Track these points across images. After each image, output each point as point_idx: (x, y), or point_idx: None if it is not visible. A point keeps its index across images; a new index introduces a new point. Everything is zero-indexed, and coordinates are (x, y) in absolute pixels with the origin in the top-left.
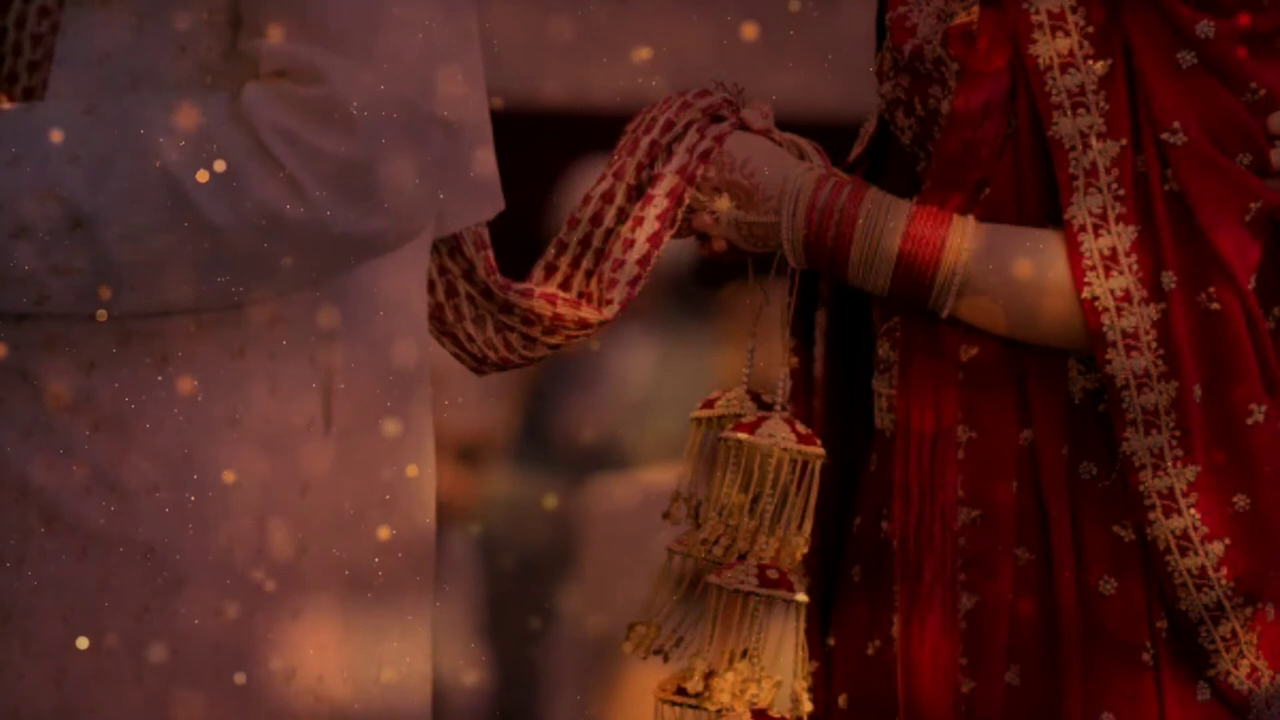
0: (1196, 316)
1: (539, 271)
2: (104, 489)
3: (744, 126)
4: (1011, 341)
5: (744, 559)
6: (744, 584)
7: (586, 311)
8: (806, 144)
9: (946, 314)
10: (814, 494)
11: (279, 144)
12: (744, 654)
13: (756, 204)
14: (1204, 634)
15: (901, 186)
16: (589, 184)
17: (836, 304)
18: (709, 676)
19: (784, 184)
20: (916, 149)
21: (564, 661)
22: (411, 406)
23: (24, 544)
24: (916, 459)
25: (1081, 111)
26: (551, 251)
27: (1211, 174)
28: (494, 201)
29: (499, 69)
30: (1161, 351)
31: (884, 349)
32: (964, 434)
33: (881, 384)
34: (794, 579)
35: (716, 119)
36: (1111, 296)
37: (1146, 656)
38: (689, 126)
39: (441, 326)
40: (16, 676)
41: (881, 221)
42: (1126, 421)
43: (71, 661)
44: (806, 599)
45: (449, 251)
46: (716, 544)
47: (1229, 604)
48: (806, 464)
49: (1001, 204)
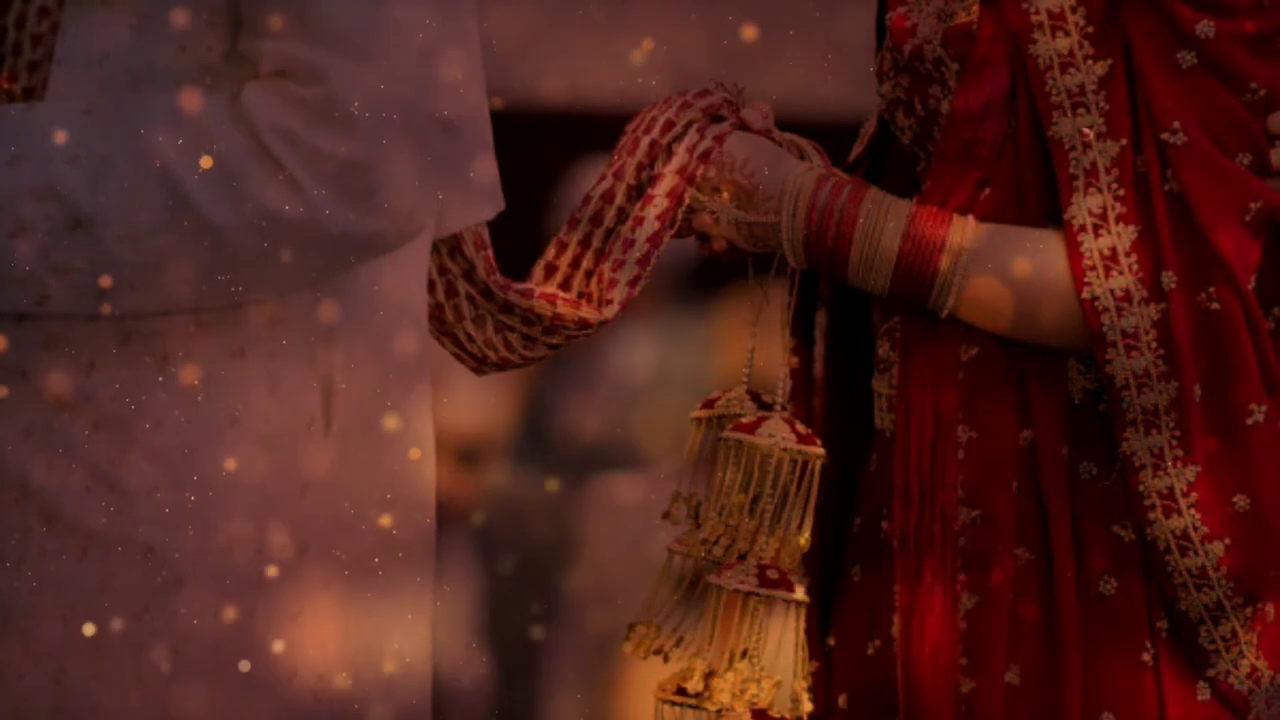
0: (1196, 316)
1: (539, 271)
2: (104, 489)
3: (744, 126)
4: (1011, 341)
5: (744, 559)
6: (744, 584)
7: (586, 311)
8: (806, 144)
9: (946, 314)
10: (814, 494)
11: (279, 144)
12: (744, 654)
13: (756, 204)
14: (1204, 634)
15: (901, 186)
16: (589, 184)
17: (836, 304)
18: (709, 676)
19: (784, 184)
20: (916, 149)
21: (564, 661)
22: (411, 406)
23: (24, 544)
24: (916, 459)
25: (1081, 111)
26: (551, 251)
27: (1211, 174)
28: (494, 201)
29: (499, 69)
30: (1161, 351)
31: (884, 349)
32: (964, 434)
33: (881, 384)
34: (794, 579)
35: (716, 119)
36: (1111, 296)
37: (1146, 656)
38: (689, 126)
39: (441, 326)
40: (16, 676)
41: (881, 221)
42: (1126, 421)
43: (71, 661)
44: (806, 599)
45: (449, 251)
46: (716, 544)
47: (1229, 604)
48: (806, 464)
49: (1001, 204)
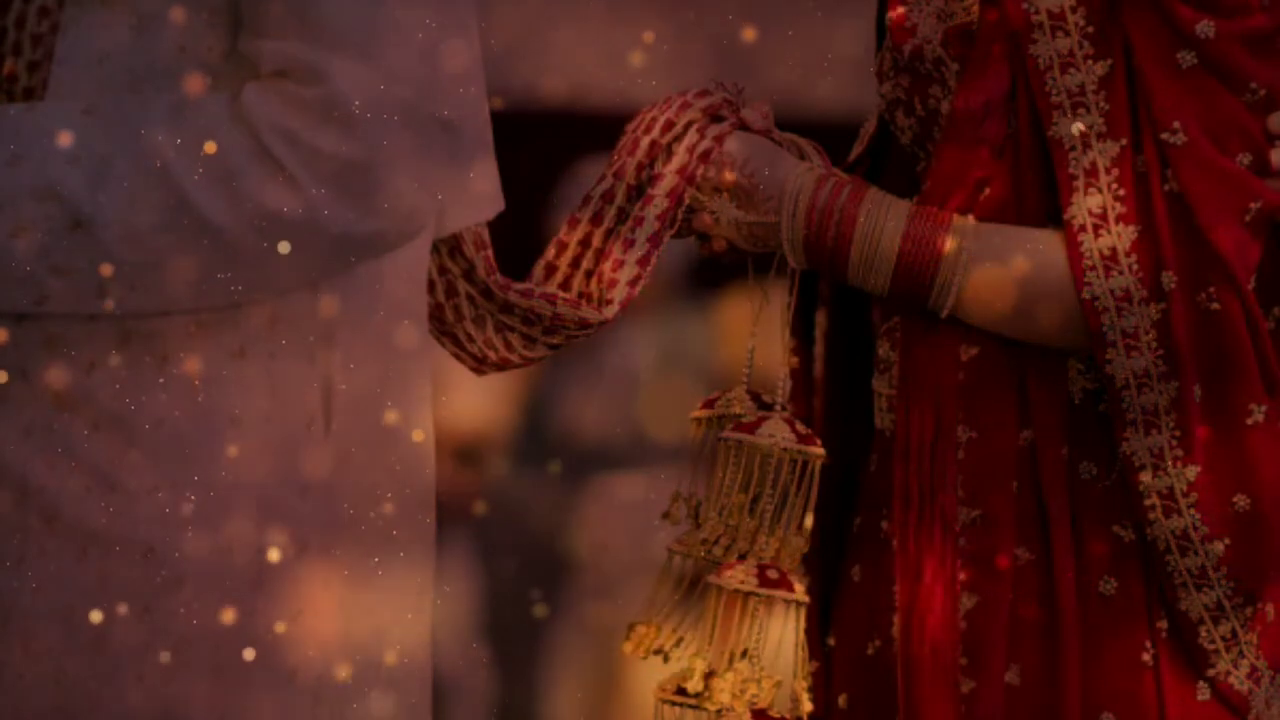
0: (1196, 316)
1: (539, 271)
2: (104, 489)
3: (744, 126)
4: (1011, 341)
5: (744, 559)
6: (744, 584)
7: (586, 311)
8: (806, 144)
9: (946, 314)
10: (814, 494)
11: (279, 144)
12: (744, 654)
13: (756, 204)
14: (1204, 634)
15: (901, 186)
16: (589, 184)
17: (836, 304)
18: (709, 676)
19: (784, 184)
20: (916, 149)
21: (564, 661)
22: (411, 406)
23: (24, 544)
24: (916, 459)
25: (1081, 111)
26: (551, 251)
27: (1211, 174)
28: (494, 201)
29: (499, 69)
30: (1161, 351)
31: (884, 349)
32: (964, 434)
33: (881, 384)
34: (794, 579)
35: (716, 119)
36: (1111, 296)
37: (1146, 656)
38: (689, 126)
39: (441, 326)
40: (16, 676)
41: (881, 221)
42: (1126, 421)
43: (71, 661)
44: (806, 599)
45: (449, 251)
46: (716, 544)
47: (1229, 604)
48: (806, 464)
49: (1001, 204)
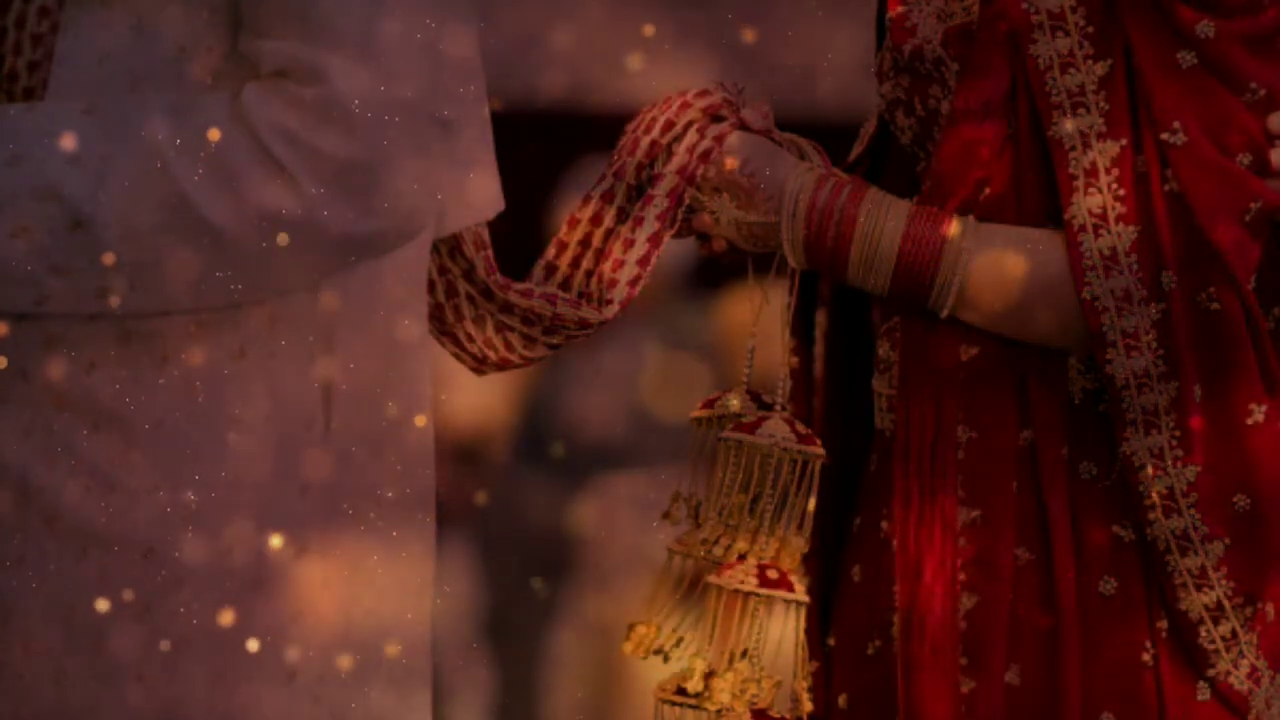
0: (1196, 316)
1: (539, 271)
2: (104, 489)
3: (744, 126)
4: (1011, 341)
5: (744, 559)
6: (744, 584)
7: (586, 311)
8: (806, 144)
9: (946, 314)
10: (814, 494)
11: (279, 144)
12: (744, 654)
13: (756, 204)
14: (1204, 634)
15: (901, 186)
16: (589, 184)
17: (836, 304)
18: (709, 676)
19: (784, 184)
20: (916, 149)
21: (564, 661)
22: (411, 406)
23: (24, 544)
24: (916, 459)
25: (1081, 111)
26: (551, 251)
27: (1211, 174)
28: (494, 201)
29: (499, 69)
30: (1161, 351)
31: (884, 349)
32: (964, 434)
33: (881, 384)
34: (794, 579)
35: (716, 119)
36: (1111, 296)
37: (1146, 656)
38: (689, 126)
39: (441, 326)
40: (16, 676)
41: (881, 222)
42: (1126, 421)
43: (71, 661)
44: (806, 599)
45: (449, 251)
46: (716, 544)
47: (1229, 604)
48: (806, 464)
49: (1001, 204)
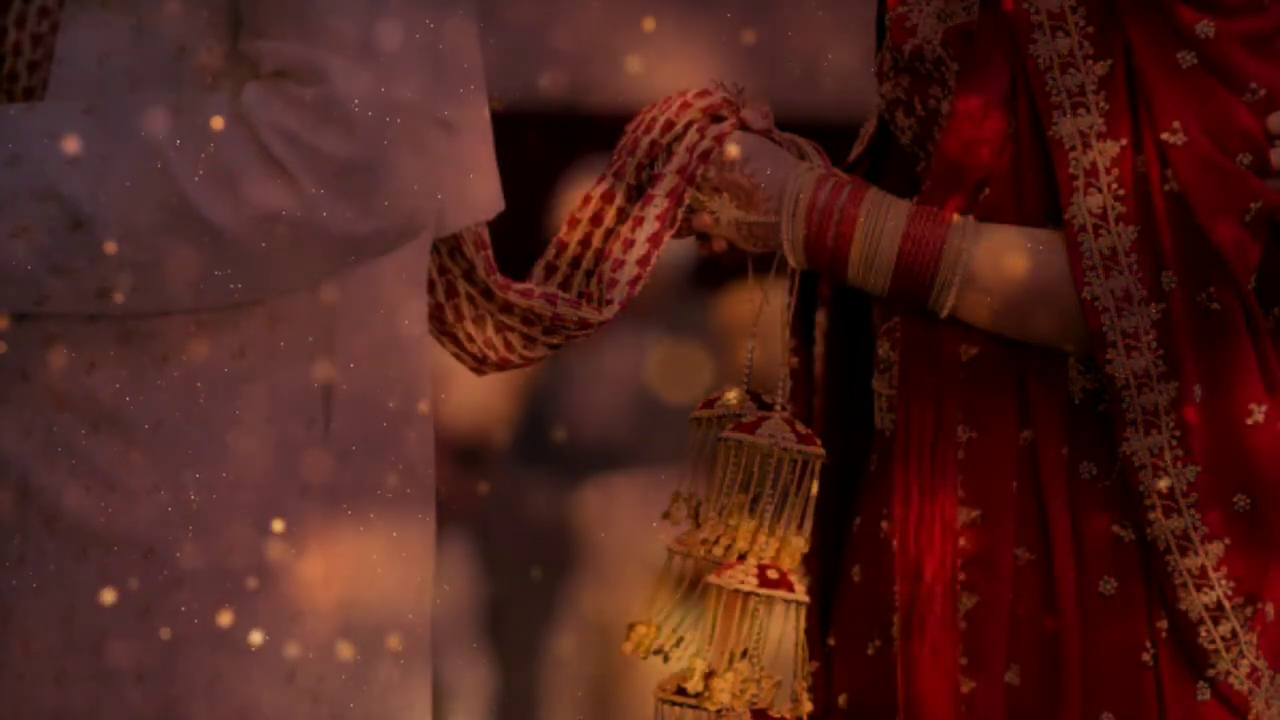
0: (1196, 316)
1: (539, 271)
2: (104, 489)
3: (744, 126)
4: (1011, 341)
5: (744, 559)
6: (744, 584)
7: (586, 311)
8: (806, 144)
9: (946, 314)
10: (814, 494)
11: (279, 144)
12: (744, 654)
13: (756, 204)
14: (1204, 634)
15: (901, 186)
16: (589, 184)
17: (836, 304)
18: (709, 676)
19: (784, 184)
20: (916, 149)
21: (564, 661)
22: (411, 406)
23: (24, 544)
24: (916, 459)
25: (1081, 111)
26: (551, 251)
27: (1211, 174)
28: (494, 201)
29: (499, 69)
30: (1161, 351)
31: (884, 349)
32: (964, 434)
33: (881, 384)
34: (794, 579)
35: (716, 119)
36: (1111, 296)
37: (1146, 656)
38: (689, 126)
39: (441, 326)
40: (16, 676)
41: (881, 222)
42: (1126, 421)
43: (71, 661)
44: (807, 599)
45: (449, 251)
46: (716, 544)
47: (1229, 604)
48: (806, 464)
49: (1001, 204)
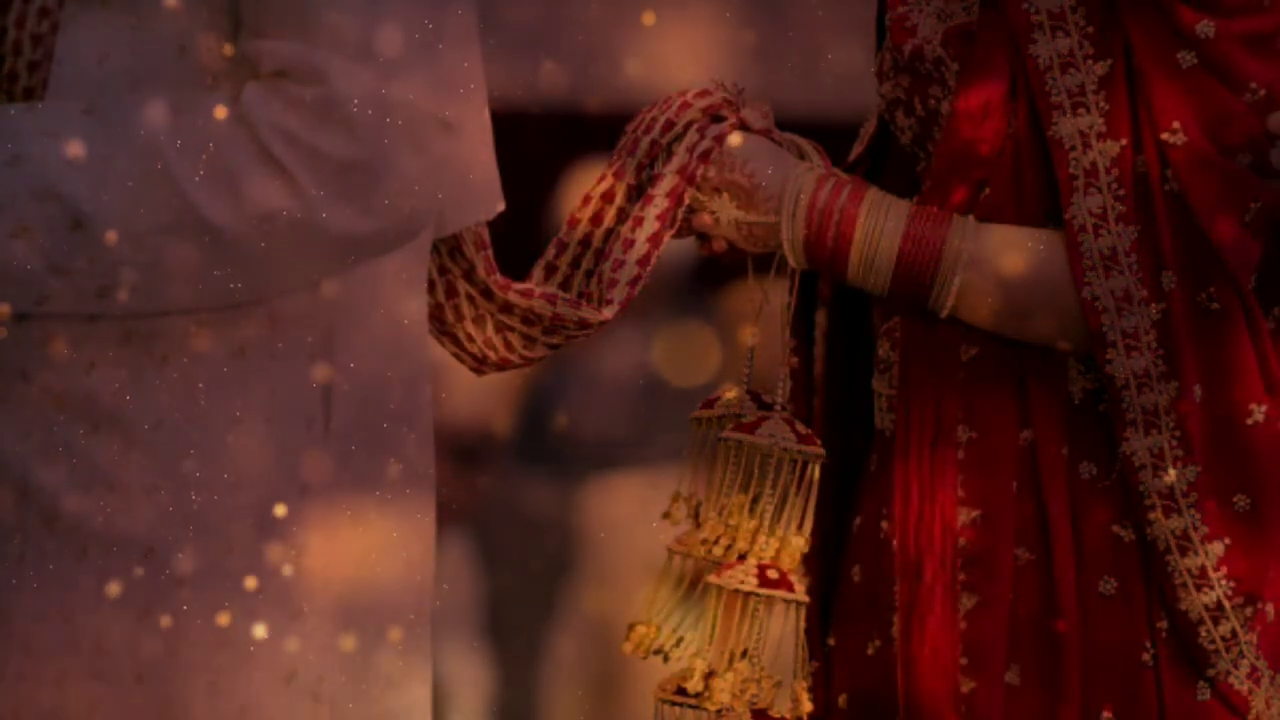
0: (1196, 316)
1: (539, 271)
2: (104, 489)
3: (744, 126)
4: (1011, 341)
5: (744, 559)
6: (744, 584)
7: (586, 311)
8: (806, 144)
9: (946, 314)
10: (814, 494)
11: (279, 144)
12: (744, 654)
13: (756, 204)
14: (1204, 634)
15: (901, 186)
16: (589, 184)
17: (836, 304)
18: (709, 676)
19: (784, 184)
20: (916, 149)
21: (564, 661)
22: (411, 406)
23: (24, 544)
24: (916, 459)
25: (1081, 111)
26: (551, 251)
27: (1211, 174)
28: (494, 201)
29: (499, 69)
30: (1161, 351)
31: (884, 349)
32: (964, 434)
33: (881, 384)
34: (794, 579)
35: (716, 119)
36: (1111, 296)
37: (1146, 656)
38: (689, 126)
39: (441, 326)
40: (16, 676)
41: (882, 222)
42: (1126, 421)
43: (71, 661)
44: (807, 599)
45: (449, 251)
46: (716, 544)
47: (1229, 604)
48: (806, 464)
49: (1001, 204)
